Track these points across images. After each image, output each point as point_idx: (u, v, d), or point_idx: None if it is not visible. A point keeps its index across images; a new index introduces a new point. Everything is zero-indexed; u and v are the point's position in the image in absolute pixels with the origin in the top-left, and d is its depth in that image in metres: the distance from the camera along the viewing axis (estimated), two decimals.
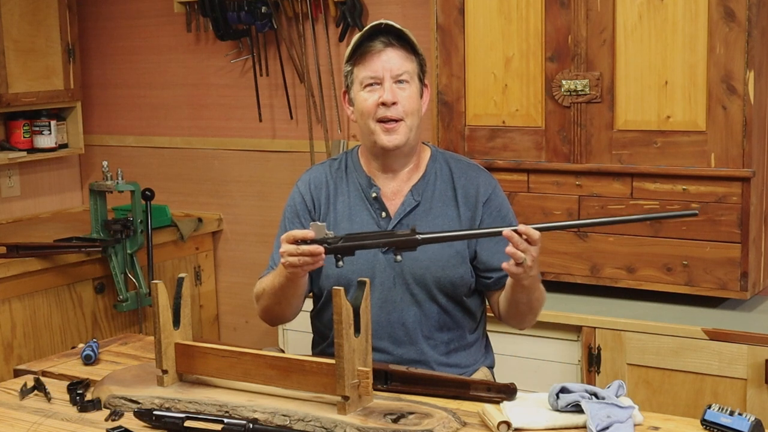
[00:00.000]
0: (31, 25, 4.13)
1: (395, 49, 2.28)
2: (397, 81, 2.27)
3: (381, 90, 2.26)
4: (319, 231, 2.12)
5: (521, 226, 2.04)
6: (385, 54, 2.27)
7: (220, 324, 4.43)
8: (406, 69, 2.28)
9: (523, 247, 2.03)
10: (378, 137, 2.28)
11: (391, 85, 2.26)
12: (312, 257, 2.11)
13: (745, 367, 2.75)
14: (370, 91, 2.27)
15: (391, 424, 1.85)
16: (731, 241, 2.89)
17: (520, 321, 2.34)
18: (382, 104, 2.25)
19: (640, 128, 2.98)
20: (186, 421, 1.90)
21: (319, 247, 2.10)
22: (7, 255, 3.55)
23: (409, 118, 2.28)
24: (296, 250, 2.10)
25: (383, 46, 2.27)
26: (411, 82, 2.29)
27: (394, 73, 2.26)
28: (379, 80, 2.26)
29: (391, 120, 2.26)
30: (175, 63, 4.38)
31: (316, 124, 4.01)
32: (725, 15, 2.81)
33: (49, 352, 3.59)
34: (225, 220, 4.35)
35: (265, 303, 2.36)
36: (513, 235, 2.02)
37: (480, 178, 2.37)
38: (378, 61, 2.27)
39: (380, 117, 2.26)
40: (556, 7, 3.04)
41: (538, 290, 2.25)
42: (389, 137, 2.27)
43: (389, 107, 2.25)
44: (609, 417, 1.82)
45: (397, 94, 2.26)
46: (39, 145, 4.28)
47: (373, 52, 2.27)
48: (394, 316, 2.30)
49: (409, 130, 2.28)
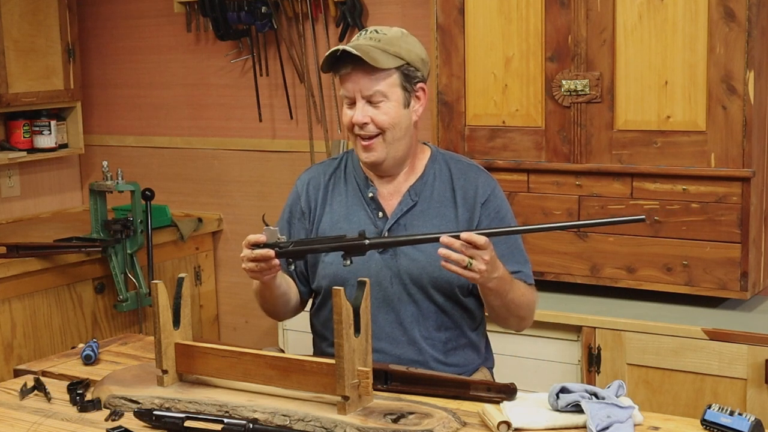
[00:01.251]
0: (31, 25, 4.13)
1: (363, 69, 2.24)
2: (369, 102, 2.26)
3: (354, 108, 2.28)
4: (271, 236, 2.17)
5: (463, 233, 2.05)
6: (354, 75, 2.26)
7: (220, 324, 4.43)
8: (376, 89, 2.25)
9: (469, 252, 2.05)
10: (359, 153, 2.32)
11: (363, 106, 2.26)
12: (266, 262, 2.16)
13: (745, 367, 2.75)
14: (349, 108, 2.29)
15: (391, 424, 1.85)
16: (731, 241, 2.89)
17: (505, 323, 2.34)
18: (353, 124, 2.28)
19: (640, 128, 2.98)
20: (186, 421, 1.90)
21: (269, 251, 2.15)
22: (7, 255, 3.55)
23: (388, 132, 2.27)
24: (250, 254, 2.16)
25: (350, 68, 2.26)
26: (387, 98, 2.26)
27: (364, 94, 2.26)
28: (353, 100, 2.27)
29: (366, 137, 2.27)
30: (175, 63, 4.38)
31: (316, 124, 4.01)
32: (725, 15, 2.81)
33: (49, 352, 3.59)
34: (225, 220, 4.35)
35: (258, 302, 2.43)
36: (453, 241, 2.05)
37: (479, 179, 2.37)
38: (349, 82, 2.27)
39: (356, 134, 2.29)
40: (556, 7, 3.04)
41: (514, 292, 2.23)
42: (367, 154, 2.29)
43: (362, 127, 2.27)
44: (609, 417, 1.82)
45: (369, 112, 2.26)
46: (39, 145, 4.28)
47: (343, 73, 2.27)
48: (391, 315, 2.30)
49: (389, 144, 2.28)
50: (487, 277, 2.10)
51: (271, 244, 2.16)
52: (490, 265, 2.08)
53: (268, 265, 2.17)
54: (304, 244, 2.20)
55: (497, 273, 2.13)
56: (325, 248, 2.20)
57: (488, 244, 2.06)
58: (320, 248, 2.20)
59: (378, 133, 2.26)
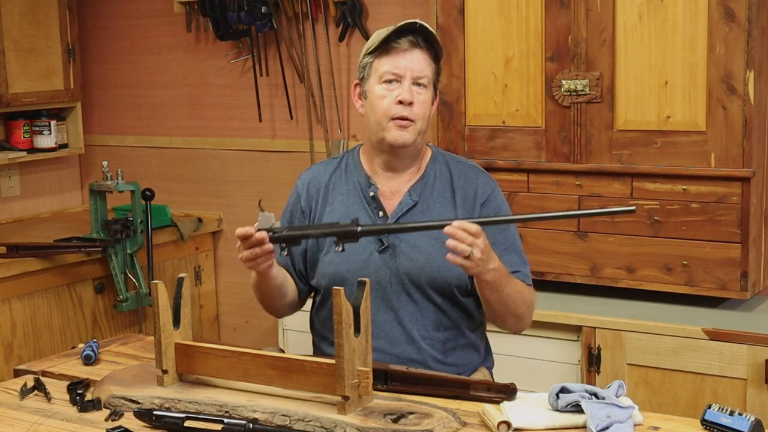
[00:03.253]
0: (31, 25, 4.13)
1: (422, 51, 2.27)
2: (416, 83, 2.27)
3: (399, 88, 2.26)
4: (266, 221, 2.16)
5: (456, 221, 2.05)
6: (411, 53, 2.26)
7: (220, 324, 4.43)
8: (426, 73, 2.28)
9: (469, 241, 2.04)
10: (388, 133, 2.27)
11: (410, 86, 2.26)
12: (261, 248, 2.14)
13: (745, 367, 2.75)
14: (387, 88, 2.27)
15: (391, 424, 1.85)
16: (731, 241, 2.89)
17: (502, 322, 2.33)
18: (399, 102, 2.25)
19: (640, 128, 2.98)
20: (186, 421, 1.90)
21: (262, 233, 2.13)
22: (7, 255, 3.55)
23: (420, 121, 2.28)
24: (244, 236, 2.14)
25: (410, 45, 2.26)
26: (428, 88, 2.29)
27: (415, 74, 2.26)
28: (400, 78, 2.26)
29: (406, 119, 2.26)
30: (175, 63, 4.38)
31: (316, 124, 4.01)
32: (725, 15, 2.81)
33: (49, 352, 3.59)
34: (225, 220, 4.35)
35: (257, 297, 2.43)
36: (456, 231, 2.04)
37: (479, 180, 2.37)
38: (403, 58, 2.26)
39: (396, 115, 2.25)
40: (556, 7, 3.04)
41: (510, 287, 2.23)
42: (400, 133, 2.26)
43: (406, 106, 2.25)
44: (609, 417, 1.82)
45: (415, 95, 2.26)
46: (39, 145, 4.28)
47: (400, 49, 2.26)
48: (390, 315, 2.30)
49: (418, 133, 2.29)
50: (483, 267, 2.09)
51: (266, 229, 2.16)
52: (485, 254, 2.07)
53: (262, 250, 2.15)
54: (297, 230, 2.20)
55: (493, 264, 2.13)
56: (318, 234, 2.20)
57: (481, 231, 2.06)
58: (313, 234, 2.20)
59: (414, 120, 2.26)
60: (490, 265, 2.12)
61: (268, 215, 2.17)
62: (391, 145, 2.28)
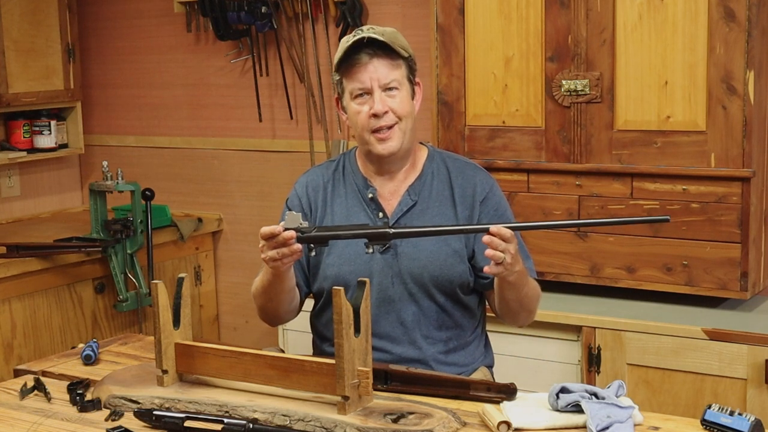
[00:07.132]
0: (31, 25, 4.13)
1: (381, 59, 2.26)
2: (386, 89, 2.27)
3: (371, 100, 2.26)
4: (293, 220, 2.13)
5: (492, 227, 2.05)
6: (372, 65, 2.26)
7: (220, 324, 4.43)
8: (393, 77, 2.27)
9: (502, 247, 2.04)
10: (373, 147, 2.29)
11: (380, 95, 2.26)
12: (288, 247, 2.11)
13: (745, 367, 2.75)
14: (360, 103, 2.28)
15: (391, 424, 1.85)
16: (731, 241, 2.89)
17: (515, 319, 2.35)
18: (373, 115, 2.26)
19: (640, 128, 2.98)
20: (186, 421, 1.90)
21: (291, 232, 2.10)
22: (7, 255, 3.55)
23: (402, 121, 2.28)
24: (272, 241, 2.11)
25: (369, 57, 2.26)
26: (401, 88, 2.28)
27: (382, 83, 2.26)
28: (369, 90, 2.26)
29: (384, 128, 2.26)
30: (175, 63, 4.38)
31: (316, 124, 4.01)
32: (725, 15, 2.81)
33: (49, 352, 3.59)
34: (225, 220, 4.35)
35: (260, 302, 2.37)
36: (493, 239, 2.04)
37: (477, 177, 2.37)
38: (365, 72, 2.26)
39: (373, 128, 2.27)
40: (556, 7, 3.04)
41: (527, 286, 2.24)
42: (383, 146, 2.28)
43: (381, 117, 2.26)
44: (609, 417, 1.82)
45: (387, 102, 2.26)
46: (39, 145, 4.28)
47: (360, 63, 2.26)
48: (392, 314, 2.30)
49: (403, 133, 2.29)
50: (510, 270, 2.10)
51: (293, 228, 2.12)
52: (514, 258, 2.09)
53: (290, 250, 2.12)
54: (326, 230, 2.16)
55: (519, 266, 2.14)
56: (348, 235, 2.15)
57: (514, 237, 2.07)
58: (344, 235, 2.15)
59: (395, 122, 2.27)
60: (517, 267, 2.12)
61: (295, 215, 2.13)
62: (378, 156, 2.31)
